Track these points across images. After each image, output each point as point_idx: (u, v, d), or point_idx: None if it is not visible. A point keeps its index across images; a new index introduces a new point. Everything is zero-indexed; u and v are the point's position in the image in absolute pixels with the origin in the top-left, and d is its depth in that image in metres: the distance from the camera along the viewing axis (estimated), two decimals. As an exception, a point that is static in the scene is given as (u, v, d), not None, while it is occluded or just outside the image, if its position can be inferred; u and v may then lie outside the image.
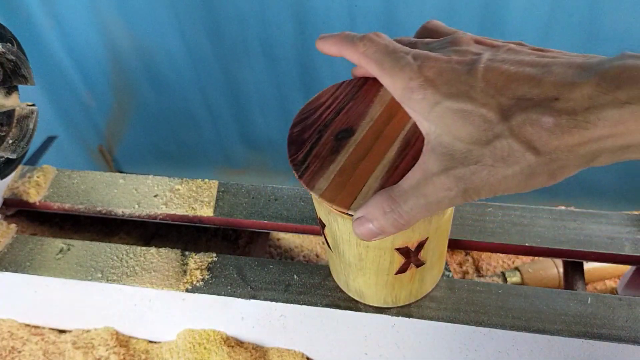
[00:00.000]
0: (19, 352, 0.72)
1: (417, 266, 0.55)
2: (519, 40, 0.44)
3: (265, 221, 0.72)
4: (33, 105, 0.69)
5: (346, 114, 0.52)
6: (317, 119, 0.52)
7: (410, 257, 0.53)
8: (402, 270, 0.54)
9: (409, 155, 0.48)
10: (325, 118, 0.52)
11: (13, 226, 0.75)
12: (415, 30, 0.51)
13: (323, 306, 0.63)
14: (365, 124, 0.51)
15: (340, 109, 0.52)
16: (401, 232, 0.49)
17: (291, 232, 0.73)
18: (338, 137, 0.50)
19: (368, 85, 0.54)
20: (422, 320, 0.61)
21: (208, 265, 0.68)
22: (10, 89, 0.67)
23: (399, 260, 0.53)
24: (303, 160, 0.49)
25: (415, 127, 0.50)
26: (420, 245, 0.52)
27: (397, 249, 0.51)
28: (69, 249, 0.71)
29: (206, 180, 0.78)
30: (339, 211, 0.47)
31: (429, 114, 0.41)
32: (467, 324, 0.60)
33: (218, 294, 0.65)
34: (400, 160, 0.48)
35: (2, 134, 0.67)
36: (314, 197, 0.50)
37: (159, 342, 0.73)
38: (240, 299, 0.65)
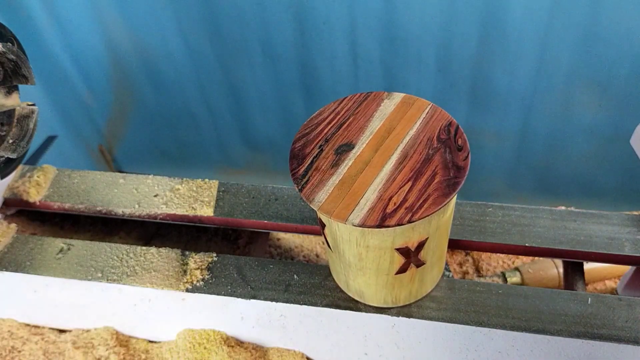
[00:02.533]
0: (19, 351, 0.72)
1: (417, 266, 0.55)
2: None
3: (265, 221, 0.72)
4: (33, 104, 0.69)
5: (347, 129, 0.54)
6: (318, 134, 0.54)
7: (410, 257, 0.53)
8: (402, 270, 0.54)
9: (406, 167, 0.49)
10: (326, 133, 0.54)
11: (13, 226, 0.75)
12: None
13: (323, 306, 0.63)
14: (365, 138, 0.52)
15: (341, 123, 0.54)
16: (401, 231, 0.49)
17: (291, 232, 0.73)
18: (338, 151, 0.52)
19: (368, 101, 0.56)
20: (422, 320, 0.61)
21: (208, 265, 0.68)
22: (11, 89, 0.68)
23: (399, 260, 0.53)
24: (304, 174, 0.50)
25: (412, 140, 0.51)
26: (420, 245, 0.52)
27: (397, 249, 0.51)
28: (69, 249, 0.71)
29: (206, 180, 0.78)
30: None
31: None
32: (467, 324, 0.60)
33: (218, 294, 0.65)
34: (397, 173, 0.49)
35: (3, 134, 0.67)
36: None
37: (159, 342, 0.73)
38: (240, 299, 0.65)
